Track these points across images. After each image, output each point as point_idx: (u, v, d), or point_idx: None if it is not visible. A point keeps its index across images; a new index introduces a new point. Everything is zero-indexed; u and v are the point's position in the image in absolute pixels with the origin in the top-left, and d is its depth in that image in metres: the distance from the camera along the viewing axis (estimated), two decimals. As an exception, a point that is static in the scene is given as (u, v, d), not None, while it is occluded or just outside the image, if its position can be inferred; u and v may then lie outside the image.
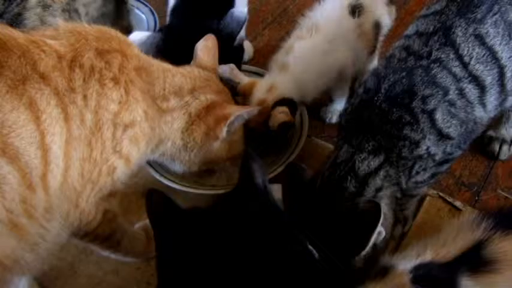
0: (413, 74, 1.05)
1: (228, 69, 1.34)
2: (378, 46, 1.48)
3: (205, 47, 1.21)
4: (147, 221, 1.23)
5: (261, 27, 1.88)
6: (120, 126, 0.94)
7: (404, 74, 1.06)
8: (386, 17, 1.44)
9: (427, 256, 0.86)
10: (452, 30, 1.07)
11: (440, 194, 1.34)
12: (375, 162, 1.03)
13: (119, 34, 1.01)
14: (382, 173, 1.03)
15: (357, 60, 1.43)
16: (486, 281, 0.83)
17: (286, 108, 1.29)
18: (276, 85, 1.33)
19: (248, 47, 1.73)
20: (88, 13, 1.44)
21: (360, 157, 1.03)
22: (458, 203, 1.32)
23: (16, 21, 1.24)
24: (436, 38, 1.08)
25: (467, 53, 1.06)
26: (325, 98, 1.53)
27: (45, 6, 1.27)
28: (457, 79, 1.05)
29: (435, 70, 1.05)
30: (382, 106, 1.04)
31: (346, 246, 0.94)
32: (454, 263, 0.84)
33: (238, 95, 1.34)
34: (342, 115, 1.17)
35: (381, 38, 1.47)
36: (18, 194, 0.81)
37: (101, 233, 1.04)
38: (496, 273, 0.83)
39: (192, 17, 1.40)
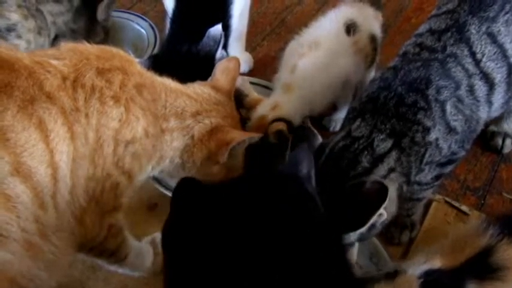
0: (429, 66, 1.09)
1: (241, 81, 1.35)
2: (377, 58, 1.50)
3: (226, 68, 1.20)
4: (154, 234, 1.23)
5: (259, 38, 1.89)
6: (121, 143, 0.95)
7: (419, 64, 1.10)
8: (378, 30, 1.48)
9: (436, 263, 0.85)
10: (466, 28, 1.12)
11: (446, 199, 1.35)
12: (389, 144, 1.04)
13: (121, 52, 1.02)
14: (394, 154, 1.04)
15: (357, 72, 1.45)
16: None
17: (283, 122, 1.30)
18: (281, 105, 1.34)
19: (248, 58, 1.74)
20: (55, 23, 1.46)
21: (379, 137, 1.04)
22: (464, 208, 1.33)
23: None
24: (449, 34, 1.12)
25: (479, 50, 1.10)
26: (330, 107, 1.53)
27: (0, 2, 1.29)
28: (469, 75, 1.09)
29: (450, 64, 1.09)
30: (398, 90, 1.07)
31: (346, 220, 0.96)
32: (461, 270, 0.84)
33: (242, 107, 1.35)
34: (354, 102, 1.18)
35: (379, 50, 1.50)
36: (32, 213, 0.82)
37: (107, 247, 1.04)
38: (503, 280, 0.83)
39: (176, 43, 1.41)
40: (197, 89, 1.13)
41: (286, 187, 0.80)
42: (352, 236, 1.00)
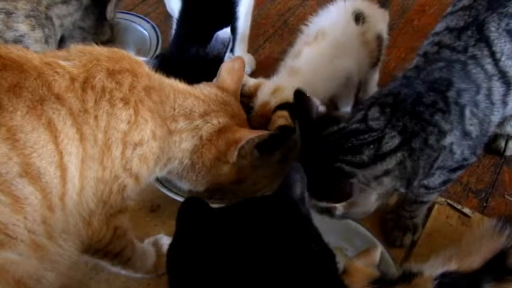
0: (452, 67, 1.06)
1: None
2: (381, 58, 1.50)
3: (231, 69, 1.21)
4: (157, 236, 1.24)
5: (262, 40, 1.89)
6: (130, 145, 0.95)
7: (442, 64, 1.06)
8: (385, 31, 1.49)
9: (453, 265, 0.86)
10: (486, 25, 1.07)
11: (449, 201, 1.34)
12: (396, 141, 1.01)
13: (129, 54, 1.02)
14: (399, 155, 1.01)
15: (360, 68, 1.45)
16: None
17: (287, 112, 1.29)
18: (283, 88, 1.33)
19: (250, 60, 1.74)
20: (62, 25, 1.45)
21: (390, 134, 1.01)
22: (467, 210, 1.33)
23: None
24: (469, 32, 1.08)
25: (499, 49, 1.06)
26: (332, 108, 1.53)
27: (8, 13, 1.29)
28: (488, 77, 1.06)
29: (471, 66, 1.06)
30: (418, 88, 1.04)
31: (330, 192, 1.00)
32: (479, 272, 0.85)
33: (244, 96, 1.34)
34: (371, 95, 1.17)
35: (383, 51, 1.50)
36: (40, 215, 0.82)
37: (112, 249, 1.04)
38: None
39: (183, 45, 1.41)
40: (204, 89, 1.14)
41: (281, 211, 0.82)
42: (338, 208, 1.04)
